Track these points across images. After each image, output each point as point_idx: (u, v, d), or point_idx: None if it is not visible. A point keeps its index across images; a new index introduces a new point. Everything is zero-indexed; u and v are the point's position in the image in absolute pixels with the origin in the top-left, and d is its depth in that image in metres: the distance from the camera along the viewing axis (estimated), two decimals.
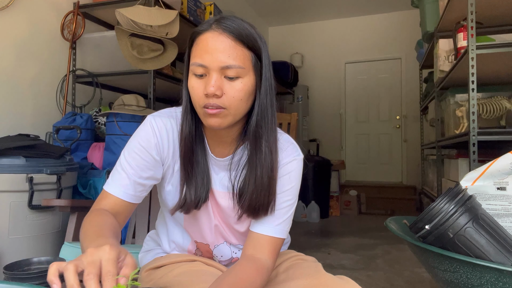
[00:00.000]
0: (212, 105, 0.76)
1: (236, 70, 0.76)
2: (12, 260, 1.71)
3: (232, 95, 0.77)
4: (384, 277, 2.48)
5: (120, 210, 0.84)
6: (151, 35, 2.31)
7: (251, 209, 0.85)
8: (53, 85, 2.63)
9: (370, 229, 4.02)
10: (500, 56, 2.03)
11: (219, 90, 0.76)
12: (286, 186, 0.88)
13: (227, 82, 0.77)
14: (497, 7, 2.44)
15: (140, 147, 0.85)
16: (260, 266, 0.82)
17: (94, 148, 2.43)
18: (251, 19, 5.80)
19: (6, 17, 2.32)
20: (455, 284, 0.98)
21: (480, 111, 2.21)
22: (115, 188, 0.84)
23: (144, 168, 0.85)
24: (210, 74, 0.76)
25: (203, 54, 0.76)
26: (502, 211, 1.11)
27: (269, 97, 0.83)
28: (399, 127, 5.89)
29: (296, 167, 0.90)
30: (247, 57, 0.78)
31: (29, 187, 1.83)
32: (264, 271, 0.82)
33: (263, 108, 0.82)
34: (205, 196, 0.87)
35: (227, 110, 0.78)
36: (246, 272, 0.79)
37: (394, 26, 5.85)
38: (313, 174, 4.64)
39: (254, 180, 0.84)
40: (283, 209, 0.88)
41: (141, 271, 0.97)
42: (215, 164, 0.89)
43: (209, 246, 0.95)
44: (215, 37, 0.76)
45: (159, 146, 0.86)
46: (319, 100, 6.23)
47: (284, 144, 0.90)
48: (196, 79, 0.78)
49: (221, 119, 0.78)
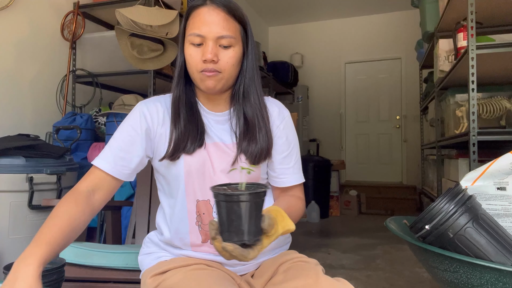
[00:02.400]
0: (209, 69, 0.88)
1: (229, 39, 0.89)
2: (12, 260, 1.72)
3: (226, 61, 0.89)
4: (384, 277, 2.48)
5: (100, 184, 0.90)
6: (151, 35, 2.31)
7: (253, 155, 0.94)
8: (53, 85, 2.63)
9: (370, 229, 4.02)
10: (500, 56, 2.03)
11: (216, 57, 0.88)
12: (294, 137, 1.04)
13: (221, 50, 0.89)
14: (497, 7, 2.44)
15: (127, 125, 0.95)
16: (297, 198, 1.01)
17: (94, 148, 2.44)
18: (251, 19, 5.78)
19: (6, 17, 2.32)
20: (455, 284, 0.98)
21: (480, 111, 2.21)
22: (99, 160, 0.92)
23: (127, 142, 0.93)
24: (207, 43, 0.88)
25: (201, 25, 0.88)
26: (502, 211, 1.11)
27: (254, 63, 0.97)
28: (399, 127, 5.89)
29: (291, 120, 1.06)
30: (237, 28, 0.91)
31: (29, 187, 1.83)
32: (301, 200, 1.02)
33: (250, 71, 0.96)
34: (196, 142, 0.93)
35: (221, 74, 0.90)
36: (288, 199, 0.98)
37: (394, 26, 5.85)
38: (313, 174, 4.63)
39: (251, 130, 0.95)
40: (299, 158, 1.05)
41: (144, 276, 0.96)
42: (213, 120, 0.98)
43: (210, 201, 0.96)
44: (210, 11, 0.88)
45: (148, 119, 0.95)
46: (319, 100, 6.23)
47: (277, 104, 1.05)
48: (194, 48, 0.90)
49: (216, 81, 0.90)
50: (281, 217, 0.76)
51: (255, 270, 0.98)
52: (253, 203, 0.69)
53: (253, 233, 0.70)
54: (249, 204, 0.68)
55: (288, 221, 0.77)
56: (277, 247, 1.02)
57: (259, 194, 0.70)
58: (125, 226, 2.05)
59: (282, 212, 0.78)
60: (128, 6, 2.39)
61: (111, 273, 1.21)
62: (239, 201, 0.68)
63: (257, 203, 0.70)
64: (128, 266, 1.21)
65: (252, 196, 0.68)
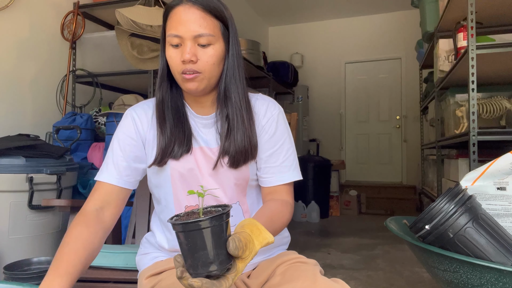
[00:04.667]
0: (189, 70, 0.85)
1: (207, 38, 0.85)
2: (12, 260, 1.72)
3: (206, 60, 0.86)
4: (384, 277, 2.47)
5: (108, 199, 0.88)
6: (151, 35, 2.31)
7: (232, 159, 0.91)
8: (53, 85, 2.63)
9: (370, 229, 4.02)
10: (500, 56, 2.03)
11: (194, 57, 0.85)
12: (283, 135, 0.97)
13: (200, 49, 0.86)
14: (497, 7, 2.44)
15: (122, 134, 0.94)
16: (283, 202, 0.93)
17: (94, 148, 2.44)
18: (251, 19, 5.80)
19: (6, 17, 2.32)
20: (455, 284, 0.98)
21: (480, 111, 2.21)
22: (102, 174, 0.90)
23: (129, 151, 0.92)
24: (185, 43, 0.85)
25: (177, 25, 0.85)
26: (502, 211, 1.11)
27: (236, 60, 0.92)
28: (399, 127, 5.89)
29: (281, 117, 0.99)
30: (216, 26, 0.87)
31: (29, 187, 1.83)
32: (288, 205, 0.93)
33: (231, 69, 0.92)
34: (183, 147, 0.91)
35: (202, 74, 0.87)
36: (274, 206, 0.90)
37: (394, 26, 5.85)
38: (313, 174, 4.63)
39: (231, 133, 0.91)
40: (290, 156, 0.97)
41: (140, 277, 0.96)
42: (200, 124, 0.96)
43: None
44: (186, 10, 0.85)
45: (139, 127, 0.94)
46: (319, 100, 6.23)
47: (265, 100, 1.00)
48: (173, 49, 0.87)
49: (198, 83, 0.87)
50: (257, 230, 0.70)
51: (252, 270, 0.97)
52: (215, 227, 0.62)
53: (222, 261, 0.63)
54: (210, 229, 0.61)
55: (266, 233, 0.71)
56: (275, 247, 1.00)
57: (220, 217, 0.63)
58: (125, 226, 2.05)
59: (258, 225, 0.71)
60: (128, 6, 2.39)
61: (111, 273, 1.21)
62: (198, 228, 0.61)
63: (220, 227, 0.63)
64: (128, 266, 1.21)
65: (212, 220, 0.61)
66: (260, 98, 1.00)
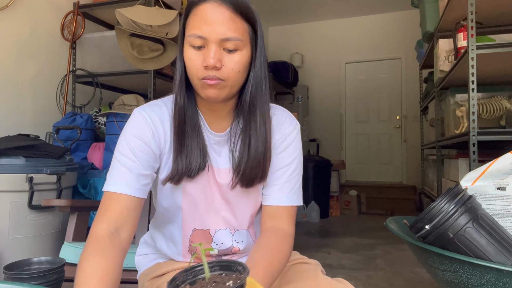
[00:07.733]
0: (211, 77, 0.76)
1: (235, 42, 0.76)
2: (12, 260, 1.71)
3: (231, 67, 0.76)
4: (384, 277, 2.47)
5: (124, 216, 0.76)
6: (151, 35, 2.31)
7: (246, 178, 0.84)
8: (53, 85, 2.63)
9: (370, 229, 4.02)
10: (500, 56, 2.03)
11: (219, 63, 0.75)
12: (292, 155, 0.89)
13: (226, 54, 0.76)
14: (497, 7, 2.44)
15: (134, 138, 0.81)
16: (283, 235, 0.85)
17: (94, 148, 2.44)
18: None
19: (6, 17, 2.32)
20: (455, 284, 0.98)
21: (480, 111, 2.21)
22: (118, 185, 0.77)
23: (143, 159, 0.81)
24: (209, 46, 0.75)
25: (202, 25, 0.75)
26: (502, 211, 1.11)
27: (263, 69, 0.83)
28: (399, 127, 5.89)
29: (296, 135, 0.91)
30: (245, 29, 0.78)
31: (29, 187, 1.83)
32: (288, 238, 0.85)
33: (258, 80, 0.82)
34: (199, 165, 0.83)
35: (225, 82, 0.77)
36: (274, 244, 0.82)
37: (394, 26, 5.85)
38: (313, 174, 4.63)
39: (248, 150, 0.83)
40: (294, 178, 0.89)
41: (141, 278, 0.95)
42: (213, 141, 0.87)
43: (210, 231, 0.90)
44: (214, 8, 0.75)
45: (155, 135, 0.83)
46: (319, 100, 6.23)
47: (282, 115, 0.91)
48: (194, 51, 0.77)
49: (219, 90, 0.78)
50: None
51: None
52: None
53: None
54: None
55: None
56: None
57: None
58: None
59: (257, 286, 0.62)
60: (128, 6, 2.39)
61: None
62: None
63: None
64: (128, 266, 1.20)
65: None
66: (277, 113, 0.91)
